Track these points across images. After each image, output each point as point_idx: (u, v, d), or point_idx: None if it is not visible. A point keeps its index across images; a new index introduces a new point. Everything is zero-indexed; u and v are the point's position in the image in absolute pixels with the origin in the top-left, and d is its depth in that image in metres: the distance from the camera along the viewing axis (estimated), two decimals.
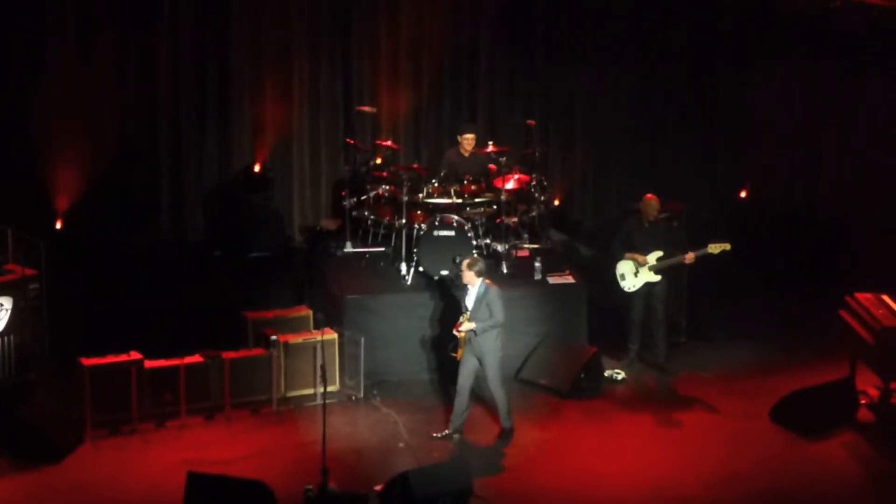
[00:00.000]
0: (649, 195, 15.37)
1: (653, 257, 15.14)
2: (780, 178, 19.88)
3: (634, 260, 15.21)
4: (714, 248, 14.91)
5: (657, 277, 15.20)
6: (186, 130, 17.69)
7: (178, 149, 17.67)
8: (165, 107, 17.56)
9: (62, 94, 16.92)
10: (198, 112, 17.73)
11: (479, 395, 14.28)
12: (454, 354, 13.67)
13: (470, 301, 13.45)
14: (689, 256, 15.02)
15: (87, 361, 13.69)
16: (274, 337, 14.48)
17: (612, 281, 15.56)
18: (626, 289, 15.30)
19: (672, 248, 15.16)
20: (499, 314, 13.32)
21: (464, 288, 13.65)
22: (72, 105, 16.96)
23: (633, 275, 15.24)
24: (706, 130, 19.58)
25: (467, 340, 13.45)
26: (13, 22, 16.57)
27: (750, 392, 14.91)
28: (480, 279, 13.42)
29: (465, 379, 13.57)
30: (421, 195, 16.05)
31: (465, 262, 13.49)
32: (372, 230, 16.67)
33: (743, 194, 19.78)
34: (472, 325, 13.36)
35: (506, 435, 13.73)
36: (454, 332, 13.55)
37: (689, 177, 18.92)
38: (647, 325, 15.53)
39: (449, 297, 15.26)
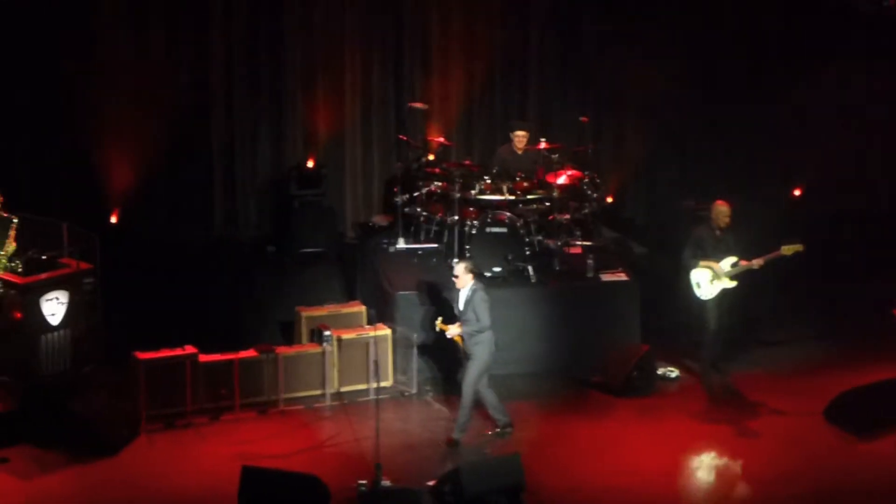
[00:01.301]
0: (720, 201, 14.92)
1: (727, 263, 14.79)
2: (835, 176, 19.69)
3: (710, 268, 14.87)
4: (787, 250, 14.56)
5: (732, 283, 14.89)
6: (239, 127, 17.81)
7: (231, 145, 17.79)
8: (218, 103, 17.68)
9: (117, 90, 17.05)
10: (251, 108, 17.82)
11: (526, 390, 14.39)
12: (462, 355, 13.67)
13: (461, 303, 13.42)
14: (757, 262, 14.76)
15: (142, 355, 13.81)
16: (327, 332, 14.54)
17: (667, 286, 15.47)
18: (701, 297, 14.89)
19: (744, 253, 14.85)
20: (484, 318, 13.21)
21: (456, 290, 13.55)
22: (126, 101, 17.08)
23: (710, 282, 14.85)
24: (760, 127, 19.40)
25: (464, 341, 13.41)
26: (66, 17, 16.69)
27: (803, 391, 14.82)
28: (472, 281, 13.37)
29: None
30: (473, 192, 16.05)
31: (461, 264, 13.41)
32: (424, 227, 16.66)
33: (797, 192, 19.63)
34: (458, 330, 13.37)
35: (453, 444, 13.51)
36: (448, 337, 13.55)
37: (742, 174, 18.79)
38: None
39: (498, 293, 14.83)
